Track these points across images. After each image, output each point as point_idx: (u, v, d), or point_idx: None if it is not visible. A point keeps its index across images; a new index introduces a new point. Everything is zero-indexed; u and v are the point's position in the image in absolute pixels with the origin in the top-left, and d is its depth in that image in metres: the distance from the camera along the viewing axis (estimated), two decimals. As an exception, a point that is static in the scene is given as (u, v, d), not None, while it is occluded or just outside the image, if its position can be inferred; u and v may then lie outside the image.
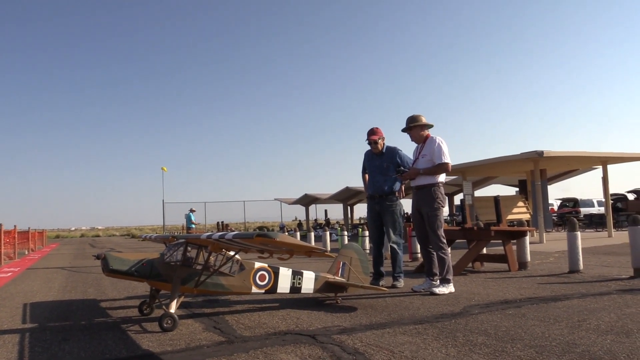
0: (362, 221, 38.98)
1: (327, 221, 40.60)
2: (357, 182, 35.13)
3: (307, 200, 44.09)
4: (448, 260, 6.71)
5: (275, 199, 48.09)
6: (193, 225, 27.38)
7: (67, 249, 28.16)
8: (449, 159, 6.84)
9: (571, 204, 32.61)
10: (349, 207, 41.60)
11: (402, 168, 7.28)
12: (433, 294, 6.47)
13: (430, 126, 7.11)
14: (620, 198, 29.41)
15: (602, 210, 28.56)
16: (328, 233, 18.01)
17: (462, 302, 5.81)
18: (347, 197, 38.81)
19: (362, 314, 5.33)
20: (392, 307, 5.71)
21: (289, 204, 46.42)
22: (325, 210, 43.55)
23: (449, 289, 6.59)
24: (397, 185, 7.55)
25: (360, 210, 47.39)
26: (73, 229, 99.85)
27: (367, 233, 14.55)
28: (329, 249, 16.42)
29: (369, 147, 7.84)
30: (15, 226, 21.09)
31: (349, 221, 40.60)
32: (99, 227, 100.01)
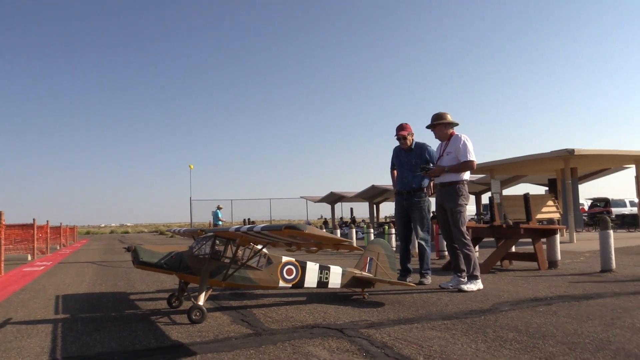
0: (387, 219, 38.84)
1: (353, 219, 40.55)
2: (382, 180, 34.99)
3: (332, 199, 44.11)
4: (473, 257, 6.64)
5: (301, 197, 48.24)
6: (220, 222, 27.57)
7: (97, 245, 28.70)
8: (474, 156, 6.78)
9: (602, 204, 31.98)
10: (374, 206, 41.48)
11: (427, 165, 7.21)
12: (461, 290, 6.40)
13: (456, 124, 7.06)
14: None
15: (634, 210, 27.97)
16: (354, 231, 17.99)
17: (491, 299, 5.73)
18: (372, 195, 38.71)
19: (389, 309, 5.30)
20: (419, 303, 5.67)
21: (315, 202, 46.52)
22: (351, 209, 43.47)
23: (477, 285, 6.51)
24: (425, 182, 7.49)
25: (386, 209, 47.25)
26: (103, 225, 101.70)
27: (393, 230, 14.47)
28: (354, 244, 16.38)
29: (397, 144, 7.79)
30: (47, 221, 21.56)
31: (375, 219, 40.47)
32: (128, 224, 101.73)
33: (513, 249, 9.66)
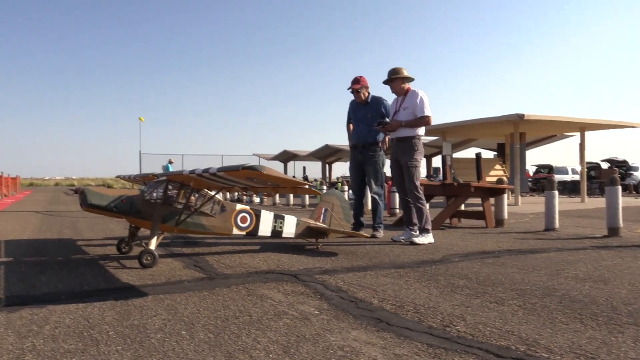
0: (340, 179, 39.09)
1: (305, 178, 40.61)
2: (336, 139, 35.01)
3: (285, 157, 43.97)
4: (426, 211, 6.74)
5: (254, 154, 47.76)
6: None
7: (42, 196, 27.77)
8: (431, 112, 6.80)
9: (546, 170, 33.07)
10: (327, 165, 41.62)
11: (384, 120, 7.19)
12: (413, 243, 6.51)
13: (412, 79, 7.03)
14: (594, 167, 29.95)
15: (575, 178, 29.08)
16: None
17: (442, 252, 5.86)
18: (326, 154, 38.80)
19: (343, 259, 5.34)
20: (372, 253, 5.73)
21: (268, 160, 46.19)
22: (304, 167, 43.51)
23: (429, 239, 6.64)
24: (380, 136, 7.48)
25: (339, 169, 47.50)
26: (47, 178, 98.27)
27: (345, 188, 14.55)
28: (307, 203, 16.46)
29: (353, 98, 7.73)
30: (-13, 169, 20.60)
31: (327, 179, 40.66)
32: (74, 177, 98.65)
33: (462, 207, 9.89)
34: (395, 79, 6.94)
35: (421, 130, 6.85)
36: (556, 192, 8.72)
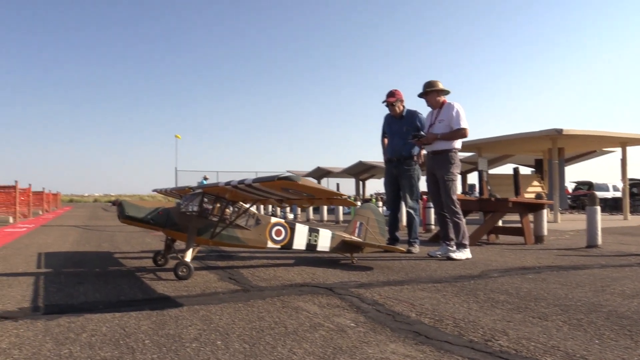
0: (373, 196, 38.88)
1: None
2: (370, 156, 34.90)
3: (319, 174, 44.01)
4: (463, 225, 6.61)
5: (287, 171, 47.98)
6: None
7: (81, 212, 28.43)
8: (467, 124, 6.70)
9: (585, 187, 32.23)
10: (361, 182, 41.48)
11: (419, 133, 7.11)
12: (450, 258, 6.37)
13: (447, 92, 6.96)
14: (636, 183, 29.02)
15: (616, 194, 28.24)
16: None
17: (480, 267, 5.71)
18: (359, 171, 38.69)
19: (379, 273, 5.25)
20: (408, 268, 5.63)
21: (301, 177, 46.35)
22: (337, 184, 43.35)
23: (466, 254, 6.49)
24: (415, 150, 7.40)
25: (373, 186, 47.22)
26: (86, 194, 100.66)
27: (380, 204, 14.44)
28: (341, 219, 16.38)
29: (388, 112, 7.68)
30: (30, 185, 21.24)
31: (361, 196, 40.49)
32: (112, 194, 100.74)
33: (500, 224, 9.67)
34: (430, 91, 6.88)
35: (458, 144, 6.74)
36: (598, 208, 8.46)
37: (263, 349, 2.57)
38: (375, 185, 49.79)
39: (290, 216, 20.12)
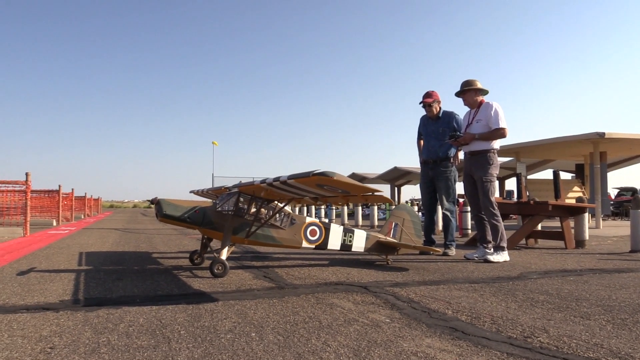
0: (409, 202, 38.59)
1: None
2: (405, 162, 34.62)
3: (355, 180, 43.92)
4: (501, 228, 6.47)
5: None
6: None
7: (121, 216, 29.07)
8: (506, 124, 6.54)
9: (629, 193, 31.25)
10: (396, 188, 41.22)
11: (457, 133, 7.01)
12: (487, 261, 6.25)
13: (486, 92, 6.81)
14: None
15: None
16: (376, 208, 17.85)
17: (519, 269, 5.58)
18: (395, 177, 38.46)
19: (414, 273, 5.19)
20: (444, 269, 5.55)
21: (336, 183, 46.32)
22: (373, 191, 43.21)
23: (504, 257, 6.36)
24: (452, 151, 7.30)
25: (408, 192, 46.84)
26: (126, 200, 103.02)
27: (415, 209, 14.27)
28: (376, 224, 16.29)
29: (424, 112, 7.61)
30: (72, 189, 21.83)
31: (397, 202, 40.22)
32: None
33: (539, 228, 9.44)
34: (467, 90, 6.76)
35: (496, 144, 6.59)
36: (643, 211, 8.17)
37: (297, 341, 2.57)
38: (411, 191, 49.45)
39: (325, 221, 20.13)
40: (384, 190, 43.48)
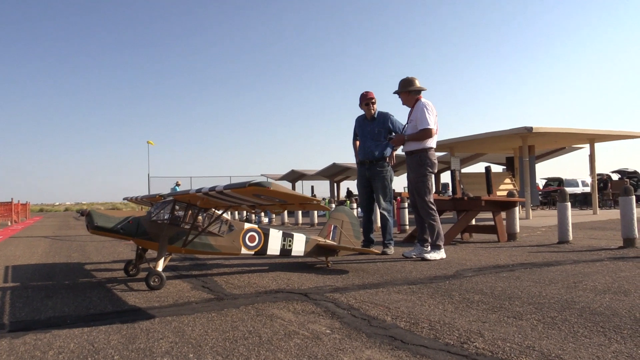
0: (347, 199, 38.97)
1: (314, 197, 40.45)
2: (344, 158, 34.97)
3: (293, 176, 43.95)
4: (438, 227, 6.61)
5: (262, 175, 47.77)
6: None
7: (51, 221, 27.83)
8: (433, 124, 6.55)
9: (555, 183, 32.83)
10: (335, 184, 41.54)
11: (391, 135, 7.12)
12: (424, 259, 6.39)
13: (418, 91, 6.82)
14: (602, 179, 29.64)
15: (586, 190, 28.82)
16: (315, 206, 17.89)
17: (455, 267, 5.73)
18: (333, 173, 38.74)
19: (354, 276, 5.23)
20: (383, 270, 5.62)
21: (276, 180, 46.19)
22: (312, 187, 43.47)
23: (440, 254, 6.51)
24: (388, 151, 7.39)
25: (347, 187, 47.27)
26: (57, 203, 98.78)
27: (354, 205, 14.46)
28: (316, 222, 16.35)
29: (359, 114, 7.67)
30: (-4, 196, 20.69)
31: (336, 198, 40.54)
32: (84, 202, 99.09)
33: (473, 222, 9.74)
34: (402, 90, 6.84)
35: (430, 143, 6.64)
36: (568, 204, 8.58)
37: (236, 361, 2.52)
38: (350, 186, 49.97)
39: (265, 220, 20.02)
40: (324, 185, 43.58)
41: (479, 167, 31.43)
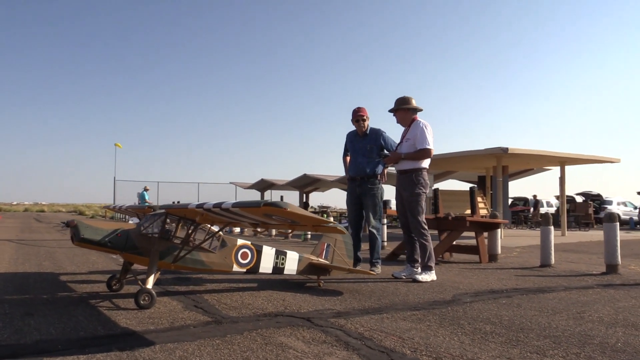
0: (317, 209, 38.84)
1: (306, 204, 40.07)
2: (314, 169, 34.82)
3: (263, 186, 43.53)
4: (430, 247, 6.51)
5: (231, 183, 47.25)
6: (147, 204, 26.39)
7: (12, 223, 26.79)
8: (432, 144, 6.59)
9: (521, 203, 33.42)
10: (304, 195, 41.35)
11: (385, 152, 7.04)
12: (415, 280, 6.27)
13: (416, 111, 6.83)
14: (568, 200, 30.31)
15: (551, 210, 29.42)
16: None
17: (449, 291, 5.61)
18: (304, 184, 38.55)
19: (350, 298, 5.05)
20: (378, 292, 5.46)
21: (244, 189, 45.69)
22: (281, 197, 42.99)
23: (431, 276, 6.40)
24: (379, 168, 7.27)
25: (315, 199, 47.16)
26: (15, 203, 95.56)
27: (331, 219, 14.22)
28: (309, 236, 15.99)
29: (351, 130, 7.54)
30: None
31: (304, 207, 40.33)
32: (43, 203, 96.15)
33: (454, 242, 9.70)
34: (399, 108, 6.77)
35: (424, 163, 6.61)
36: (552, 228, 8.61)
37: (261, 401, 2.31)
38: (320, 199, 49.84)
39: (236, 230, 19.61)
40: (293, 196, 43.35)
41: (449, 184, 31.78)
